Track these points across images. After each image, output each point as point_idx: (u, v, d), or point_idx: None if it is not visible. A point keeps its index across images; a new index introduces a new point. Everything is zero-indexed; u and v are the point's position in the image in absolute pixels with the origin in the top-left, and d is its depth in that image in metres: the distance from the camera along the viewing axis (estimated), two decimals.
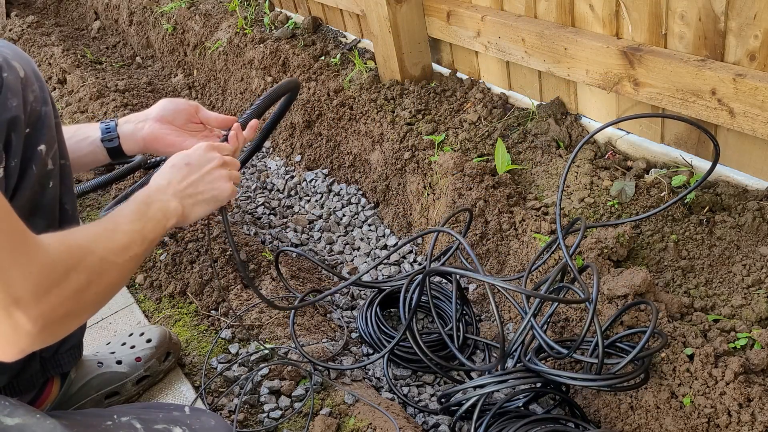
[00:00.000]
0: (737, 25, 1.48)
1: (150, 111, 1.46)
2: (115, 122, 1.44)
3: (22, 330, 0.90)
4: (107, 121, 1.45)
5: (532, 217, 1.82)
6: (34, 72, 1.15)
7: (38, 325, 0.91)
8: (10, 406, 1.06)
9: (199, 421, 1.27)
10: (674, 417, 1.33)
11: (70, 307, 0.97)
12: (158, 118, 1.44)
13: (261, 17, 3.29)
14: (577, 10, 1.85)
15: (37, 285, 0.91)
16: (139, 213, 1.16)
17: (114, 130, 1.43)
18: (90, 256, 1.02)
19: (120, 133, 1.43)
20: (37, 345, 0.94)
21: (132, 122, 1.44)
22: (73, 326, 1.01)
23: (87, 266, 1.00)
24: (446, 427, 1.58)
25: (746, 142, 1.63)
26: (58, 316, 0.95)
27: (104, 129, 1.42)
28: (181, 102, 1.47)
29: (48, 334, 0.95)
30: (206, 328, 1.78)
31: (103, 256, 1.04)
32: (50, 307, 0.93)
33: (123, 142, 1.43)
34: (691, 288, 1.56)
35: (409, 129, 2.25)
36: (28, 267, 0.90)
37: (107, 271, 1.05)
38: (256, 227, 2.39)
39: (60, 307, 0.95)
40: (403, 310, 1.73)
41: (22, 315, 0.89)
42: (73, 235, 1.04)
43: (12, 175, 1.08)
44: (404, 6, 2.30)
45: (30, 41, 4.05)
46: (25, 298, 0.89)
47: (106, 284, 1.06)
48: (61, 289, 0.94)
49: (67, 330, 1.00)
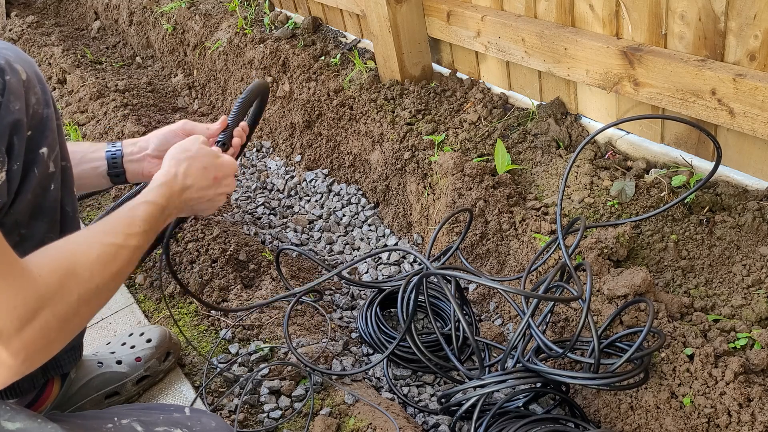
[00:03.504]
0: (737, 25, 1.48)
1: (147, 145, 1.44)
2: (121, 152, 1.43)
3: (2, 364, 0.88)
4: (113, 149, 1.42)
5: (532, 217, 1.82)
6: (36, 74, 1.15)
7: (19, 358, 0.89)
8: (11, 411, 1.06)
9: (200, 422, 1.27)
10: (674, 417, 1.34)
11: (54, 337, 0.94)
12: (156, 155, 1.43)
13: (261, 17, 3.29)
14: (577, 10, 1.85)
15: (20, 318, 0.88)
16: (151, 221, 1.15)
17: (120, 164, 1.42)
18: (85, 284, 0.98)
19: (125, 168, 1.43)
20: (19, 376, 0.91)
21: (135, 156, 1.43)
22: (56, 352, 0.98)
23: (79, 296, 0.97)
24: (446, 427, 1.58)
25: (746, 142, 1.63)
26: (41, 346, 0.92)
27: (111, 161, 1.42)
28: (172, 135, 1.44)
29: (30, 365, 0.92)
30: (206, 328, 1.78)
31: (99, 283, 1.01)
32: (32, 339, 0.90)
33: (128, 176, 1.44)
34: (691, 288, 1.57)
35: (409, 129, 2.25)
36: (12, 300, 0.87)
37: (99, 296, 1.03)
38: (256, 227, 2.39)
39: (43, 338, 0.92)
40: (401, 312, 1.73)
41: (3, 349, 0.87)
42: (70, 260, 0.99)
43: (14, 178, 1.08)
44: (404, 6, 2.30)
45: (30, 41, 4.05)
46: (7, 332, 0.87)
47: (96, 308, 1.05)
48: (45, 320, 0.91)
49: (50, 356, 0.96)
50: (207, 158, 1.29)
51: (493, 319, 1.89)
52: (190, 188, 1.25)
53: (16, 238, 1.14)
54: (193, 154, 1.28)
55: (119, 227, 1.09)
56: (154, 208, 1.16)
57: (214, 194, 1.31)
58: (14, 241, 1.13)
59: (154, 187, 1.20)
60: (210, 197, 1.30)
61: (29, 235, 1.15)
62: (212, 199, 1.31)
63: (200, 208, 1.32)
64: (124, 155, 1.43)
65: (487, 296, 1.94)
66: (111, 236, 1.07)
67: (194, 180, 1.26)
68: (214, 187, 1.30)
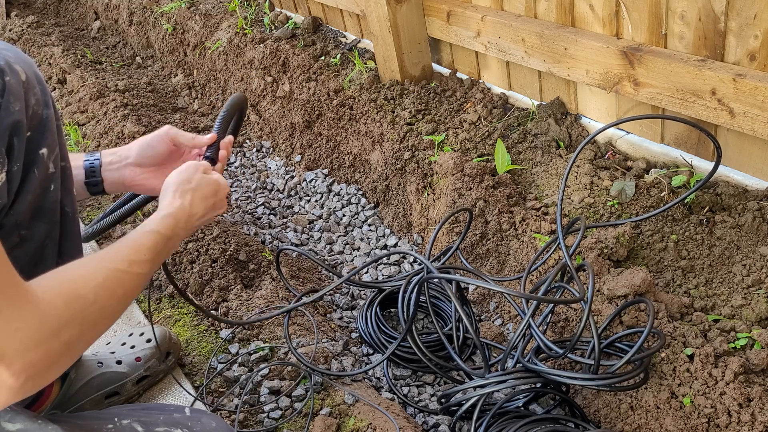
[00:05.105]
0: (737, 25, 1.48)
1: (129, 153, 1.44)
2: (99, 161, 1.42)
3: (3, 385, 0.88)
4: (91, 159, 1.42)
5: (532, 217, 1.82)
6: (35, 75, 1.15)
7: (20, 380, 0.89)
8: (11, 412, 1.06)
9: (200, 423, 1.27)
10: (674, 417, 1.34)
11: (56, 360, 0.95)
12: (137, 163, 1.43)
13: (261, 17, 3.29)
14: (577, 10, 1.85)
15: (22, 340, 0.88)
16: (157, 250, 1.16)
17: (98, 173, 1.42)
18: (90, 307, 0.99)
19: (104, 177, 1.43)
20: (20, 397, 0.92)
21: (114, 165, 1.43)
22: (59, 374, 0.98)
23: (83, 319, 0.98)
24: (446, 427, 1.58)
25: (746, 142, 1.63)
26: (43, 368, 0.92)
27: (89, 170, 1.41)
28: (157, 141, 1.44)
29: (32, 387, 0.92)
30: (206, 328, 1.78)
31: (103, 306, 1.01)
32: (35, 362, 0.90)
33: (106, 185, 1.44)
34: (691, 288, 1.57)
35: (409, 129, 2.25)
36: (15, 322, 0.87)
37: (105, 319, 1.04)
38: (256, 227, 2.39)
39: (46, 361, 0.92)
40: (401, 312, 1.73)
41: (5, 370, 0.87)
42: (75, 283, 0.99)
43: (14, 179, 1.08)
44: (404, 6, 2.30)
45: (30, 41, 4.05)
46: (9, 354, 0.87)
47: (100, 332, 1.05)
48: (49, 344, 0.92)
49: (52, 378, 0.97)
50: (208, 188, 1.33)
51: (493, 319, 1.89)
52: (193, 217, 1.29)
53: (16, 239, 1.14)
54: (195, 185, 1.31)
55: (125, 254, 1.11)
56: (159, 239, 1.18)
57: (210, 217, 1.36)
58: (14, 242, 1.13)
59: (161, 218, 1.22)
60: (207, 220, 1.36)
61: (29, 236, 1.15)
62: (208, 220, 1.37)
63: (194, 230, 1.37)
64: (102, 165, 1.42)
65: (487, 296, 1.94)
66: (117, 263, 1.08)
67: (197, 210, 1.30)
68: (211, 212, 1.35)
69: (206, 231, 2.07)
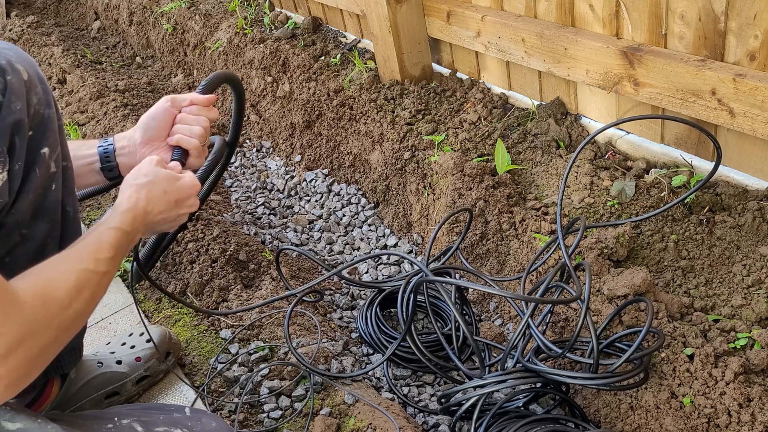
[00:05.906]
0: (737, 25, 1.48)
1: (135, 133, 1.42)
2: (113, 146, 1.41)
3: None
4: (105, 144, 1.41)
5: (532, 217, 1.82)
6: (37, 74, 1.15)
7: (3, 384, 0.90)
8: (11, 411, 1.06)
9: (200, 422, 1.27)
10: (674, 417, 1.34)
11: (34, 364, 0.96)
12: (146, 140, 1.40)
13: (261, 17, 3.29)
14: (577, 10, 1.85)
15: (6, 345, 0.89)
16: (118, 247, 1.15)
17: (113, 158, 1.41)
18: (66, 311, 1.00)
19: (119, 161, 1.42)
20: (1, 400, 0.93)
21: (126, 150, 1.42)
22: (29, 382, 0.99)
23: (59, 323, 0.99)
24: (446, 427, 1.58)
25: (746, 142, 1.63)
26: (23, 373, 0.94)
27: (103, 156, 1.40)
28: (157, 111, 1.41)
29: (12, 391, 0.94)
30: (206, 328, 1.78)
31: (77, 308, 1.03)
32: (16, 366, 0.92)
33: (121, 169, 1.42)
34: (691, 288, 1.57)
35: (409, 129, 2.26)
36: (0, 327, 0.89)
37: (75, 322, 1.04)
38: (256, 227, 2.39)
39: (26, 365, 0.94)
40: (401, 313, 1.73)
41: None
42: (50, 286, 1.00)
43: (16, 178, 1.08)
44: (404, 6, 2.31)
45: (30, 41, 4.05)
46: None
47: (71, 335, 1.06)
48: (29, 347, 0.93)
49: (31, 380, 0.98)
50: (166, 182, 1.26)
51: (493, 319, 1.89)
52: (152, 213, 1.24)
53: (17, 238, 1.14)
54: (152, 178, 1.25)
55: (89, 253, 1.10)
56: (120, 234, 1.16)
57: (176, 215, 1.30)
58: (15, 241, 1.13)
59: (119, 213, 1.19)
60: (172, 218, 1.30)
61: (30, 235, 1.16)
62: (174, 220, 1.31)
63: (162, 228, 1.32)
64: (116, 149, 1.41)
65: (487, 296, 1.95)
66: (83, 262, 1.07)
67: (155, 205, 1.24)
68: (175, 209, 1.29)
69: (206, 231, 2.07)
